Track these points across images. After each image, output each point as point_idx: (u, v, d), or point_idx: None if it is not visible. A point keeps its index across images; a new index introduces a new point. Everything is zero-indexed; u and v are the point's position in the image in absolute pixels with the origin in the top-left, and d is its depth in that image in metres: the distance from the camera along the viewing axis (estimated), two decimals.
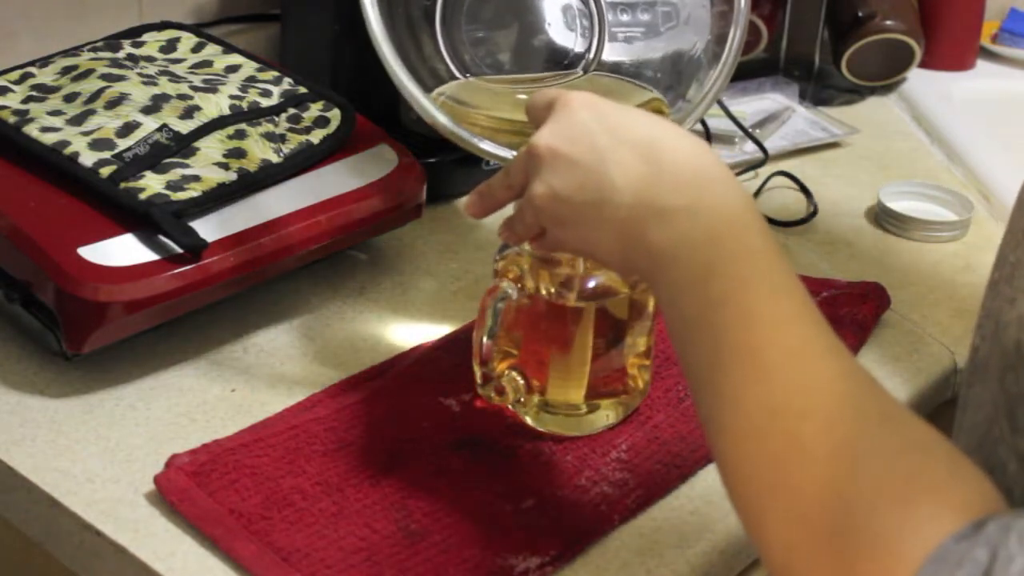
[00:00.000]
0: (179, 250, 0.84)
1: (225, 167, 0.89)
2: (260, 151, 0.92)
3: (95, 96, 0.93)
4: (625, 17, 1.10)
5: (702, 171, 0.64)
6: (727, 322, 0.59)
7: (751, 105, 1.33)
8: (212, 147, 0.90)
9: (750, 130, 1.23)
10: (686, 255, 0.62)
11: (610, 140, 0.66)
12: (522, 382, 0.81)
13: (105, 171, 0.86)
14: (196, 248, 0.84)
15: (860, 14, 1.35)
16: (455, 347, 0.89)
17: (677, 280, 0.62)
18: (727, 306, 0.59)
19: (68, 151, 0.87)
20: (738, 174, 1.20)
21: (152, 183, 0.86)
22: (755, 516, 0.56)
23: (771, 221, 1.13)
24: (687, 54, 1.02)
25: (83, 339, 0.83)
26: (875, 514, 0.50)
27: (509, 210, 0.75)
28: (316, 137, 0.95)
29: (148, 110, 0.91)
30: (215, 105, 0.94)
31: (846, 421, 0.54)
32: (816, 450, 0.53)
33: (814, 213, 1.14)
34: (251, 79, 1.00)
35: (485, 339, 0.79)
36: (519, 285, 0.78)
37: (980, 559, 0.47)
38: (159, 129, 0.90)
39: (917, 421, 0.55)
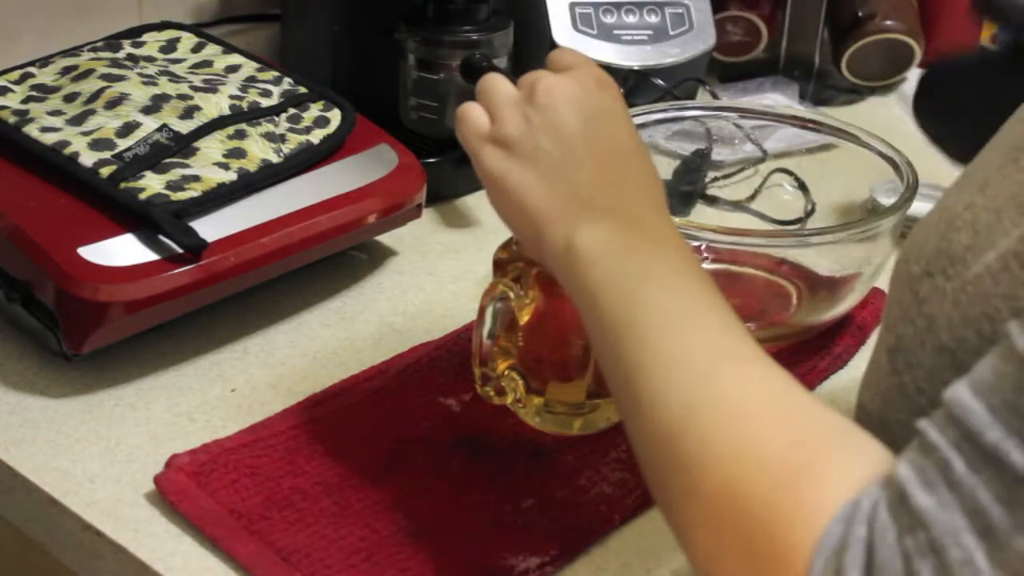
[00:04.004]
0: (179, 250, 0.84)
1: (225, 167, 0.89)
2: (260, 151, 0.92)
3: (95, 96, 0.92)
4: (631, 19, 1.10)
5: (651, 178, 0.69)
6: (653, 328, 0.60)
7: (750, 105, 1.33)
8: (212, 147, 0.90)
9: (750, 130, 1.23)
10: (619, 256, 0.64)
11: (603, 126, 0.69)
12: (522, 382, 0.81)
13: (105, 171, 0.86)
14: (196, 248, 0.84)
15: (860, 14, 1.35)
16: (455, 347, 0.89)
17: (602, 280, 0.64)
18: (656, 312, 0.61)
19: (68, 151, 0.87)
20: (738, 171, 1.20)
21: (152, 183, 0.86)
22: (678, 523, 0.57)
23: (770, 220, 1.13)
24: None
25: (83, 339, 0.83)
26: (770, 508, 0.52)
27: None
28: (316, 137, 0.95)
29: (148, 110, 0.91)
30: (215, 105, 0.94)
31: (751, 419, 0.55)
32: (724, 450, 0.55)
33: (812, 211, 1.14)
34: (251, 79, 1.00)
35: (484, 339, 0.79)
36: (518, 285, 0.78)
37: (861, 535, 0.49)
38: (159, 129, 0.90)
39: (813, 407, 0.56)
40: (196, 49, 1.03)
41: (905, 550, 0.47)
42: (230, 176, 0.89)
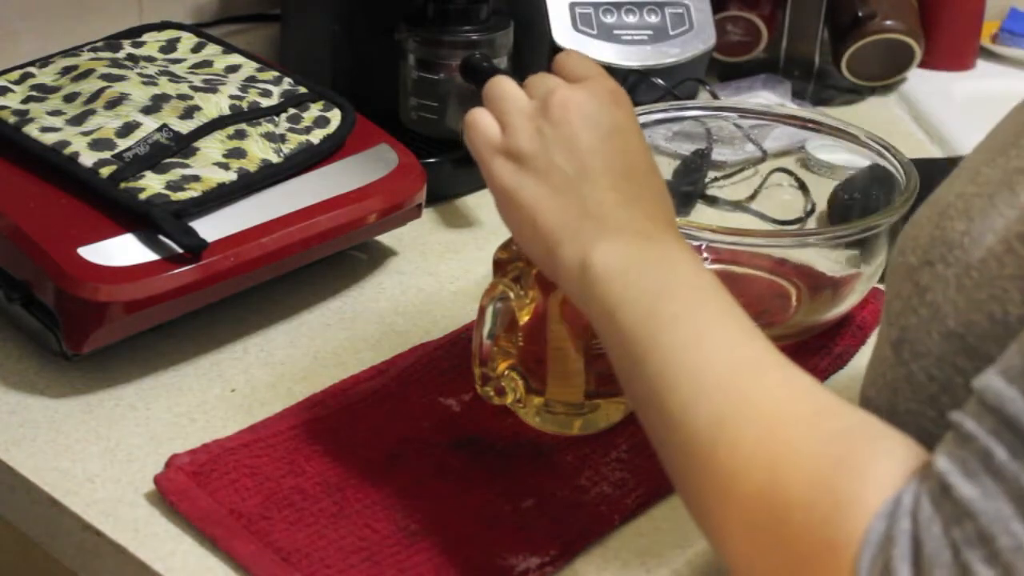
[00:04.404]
0: (179, 250, 0.84)
1: (225, 167, 0.89)
2: (260, 151, 0.92)
3: (95, 96, 0.93)
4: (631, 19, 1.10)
5: (662, 193, 0.69)
6: (677, 342, 0.60)
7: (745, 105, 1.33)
8: (212, 147, 0.90)
9: (749, 130, 1.23)
10: (636, 273, 0.64)
11: (619, 143, 0.68)
12: (522, 382, 0.81)
13: (105, 171, 0.86)
14: (196, 248, 0.84)
15: (860, 14, 1.35)
16: (455, 347, 0.89)
17: (620, 299, 0.63)
18: (678, 327, 0.61)
19: (68, 151, 0.87)
20: (737, 171, 1.20)
21: (152, 183, 0.86)
22: (713, 531, 0.57)
23: (770, 220, 1.13)
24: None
25: (83, 339, 0.83)
26: (811, 510, 0.52)
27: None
28: (316, 137, 0.95)
29: (148, 110, 0.91)
30: (215, 105, 0.94)
31: (782, 424, 0.56)
32: (758, 456, 0.55)
33: (811, 211, 1.14)
34: (251, 79, 1.00)
35: (484, 339, 0.79)
36: (518, 285, 0.78)
37: (906, 529, 0.49)
38: (159, 129, 0.90)
39: (842, 407, 0.57)
40: (196, 49, 1.03)
41: (953, 541, 0.47)
42: (230, 176, 0.89)
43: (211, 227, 0.86)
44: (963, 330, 0.56)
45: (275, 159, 0.92)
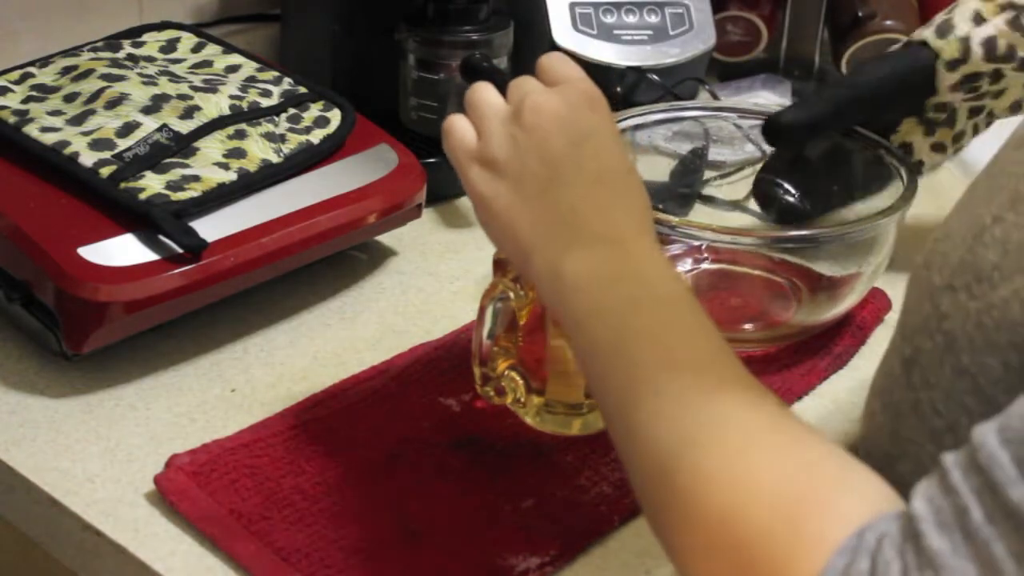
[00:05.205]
0: (179, 250, 0.84)
1: (225, 167, 0.89)
2: (260, 151, 0.92)
3: (95, 96, 0.93)
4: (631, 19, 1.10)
5: (638, 198, 0.68)
6: (642, 359, 0.60)
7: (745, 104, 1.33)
8: (212, 147, 0.91)
9: (749, 130, 1.23)
10: (608, 284, 0.63)
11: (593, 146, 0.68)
12: (522, 382, 0.81)
13: (105, 171, 0.86)
14: (196, 248, 0.84)
15: (860, 14, 1.35)
16: (455, 347, 0.89)
17: (589, 309, 0.63)
18: (645, 343, 0.60)
19: (68, 151, 0.87)
20: (736, 171, 1.20)
21: (152, 183, 0.86)
22: (674, 551, 0.56)
23: (766, 219, 1.13)
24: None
25: (83, 339, 0.83)
26: (770, 539, 0.51)
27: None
28: (316, 137, 0.95)
29: (148, 110, 0.91)
30: (215, 105, 0.94)
31: (747, 449, 0.55)
32: (720, 481, 0.54)
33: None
34: (251, 79, 1.00)
35: (484, 339, 0.79)
36: (518, 285, 0.78)
37: (863, 570, 0.48)
38: (159, 129, 0.90)
39: (810, 438, 0.55)
40: (196, 49, 1.03)
41: None
42: (230, 176, 0.89)
43: (211, 227, 0.86)
44: (975, 370, 0.54)
45: (275, 159, 0.92)
